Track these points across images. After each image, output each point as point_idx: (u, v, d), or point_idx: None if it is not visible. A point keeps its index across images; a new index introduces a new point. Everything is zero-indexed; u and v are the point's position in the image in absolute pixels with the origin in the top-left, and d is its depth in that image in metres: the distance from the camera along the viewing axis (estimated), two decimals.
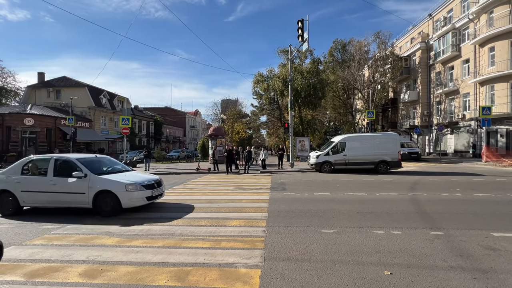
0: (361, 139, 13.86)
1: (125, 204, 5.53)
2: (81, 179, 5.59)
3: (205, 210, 5.89)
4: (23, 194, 5.77)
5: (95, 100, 35.59)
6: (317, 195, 7.51)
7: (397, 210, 5.74)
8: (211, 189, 8.74)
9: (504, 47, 21.59)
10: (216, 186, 9.41)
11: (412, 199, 6.85)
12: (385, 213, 5.47)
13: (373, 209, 5.83)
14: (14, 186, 5.80)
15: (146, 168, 16.15)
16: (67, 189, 5.68)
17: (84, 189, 5.58)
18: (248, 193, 7.82)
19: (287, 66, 25.78)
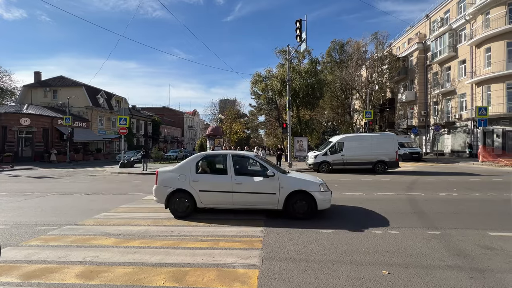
0: (359, 139, 13.91)
1: (320, 206, 5.04)
2: (269, 178, 5.12)
3: (202, 210, 5.86)
4: (201, 194, 5.28)
5: (92, 100, 35.38)
6: None
7: (395, 209, 5.77)
8: None
9: (500, 48, 21.79)
10: None
11: (409, 198, 6.89)
12: (383, 212, 5.49)
13: (371, 209, 5.85)
14: (191, 185, 5.29)
15: (144, 169, 16.08)
16: (255, 189, 5.20)
17: (275, 189, 5.11)
18: None
19: (285, 66, 25.82)
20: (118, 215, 5.62)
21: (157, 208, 6.10)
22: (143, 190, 8.84)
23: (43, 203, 6.92)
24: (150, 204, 6.63)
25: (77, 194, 8.31)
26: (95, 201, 7.12)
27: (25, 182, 11.85)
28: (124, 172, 15.87)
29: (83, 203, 6.95)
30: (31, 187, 10.06)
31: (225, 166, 5.42)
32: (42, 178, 13.17)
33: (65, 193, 8.43)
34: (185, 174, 5.35)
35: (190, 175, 5.32)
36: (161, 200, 5.40)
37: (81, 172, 16.55)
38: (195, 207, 5.31)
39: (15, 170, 18.39)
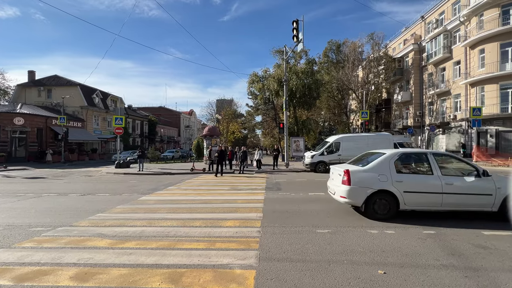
0: (355, 139, 14.00)
1: None
2: (483, 179, 4.90)
3: (199, 210, 5.84)
4: (406, 196, 4.96)
5: (88, 99, 35.03)
6: (311, 195, 7.55)
7: None
8: (206, 190, 8.69)
9: (494, 50, 22.08)
10: (211, 187, 9.36)
11: None
12: None
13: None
14: (395, 186, 4.98)
15: (140, 169, 15.96)
16: (467, 189, 4.92)
17: (491, 190, 4.84)
18: (243, 194, 7.81)
19: (282, 67, 25.86)
20: (113, 216, 5.57)
21: (153, 209, 6.06)
22: (139, 190, 8.78)
23: (37, 204, 6.83)
24: (146, 204, 6.59)
25: (72, 194, 8.21)
26: (90, 202, 7.04)
27: (19, 182, 11.68)
28: (120, 173, 15.73)
29: (78, 204, 6.87)
30: (24, 187, 9.91)
31: (429, 165, 5.22)
32: (36, 179, 12.99)
33: (59, 194, 8.33)
34: (385, 174, 5.06)
35: (391, 175, 5.04)
36: (357, 202, 5.15)
37: (76, 173, 16.36)
38: (397, 209, 5.03)
39: (8, 170, 18.11)
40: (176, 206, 6.35)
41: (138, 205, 6.55)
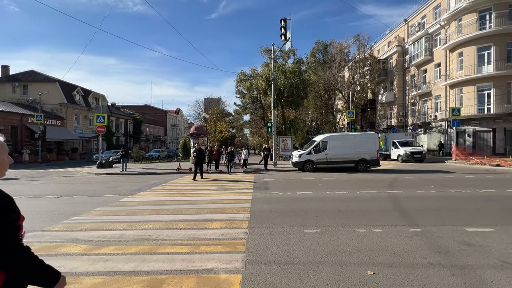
0: (342, 139, 14.15)
1: None
2: None
3: (184, 212, 5.60)
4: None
5: (68, 96, 33.42)
6: (299, 194, 7.49)
7: (377, 207, 5.84)
8: (191, 190, 8.42)
9: (471, 53, 23.12)
10: (197, 187, 9.10)
11: (390, 196, 7.03)
12: (365, 211, 5.54)
13: (355, 207, 5.89)
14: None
15: (123, 169, 15.36)
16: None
17: None
18: (230, 194, 7.62)
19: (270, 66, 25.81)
20: (91, 219, 5.22)
21: (135, 211, 5.76)
22: (121, 191, 8.37)
23: None
24: (128, 206, 6.26)
25: (47, 196, 7.70)
26: (67, 204, 6.61)
27: None
28: (102, 173, 15.07)
29: (53, 206, 6.43)
30: None
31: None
32: (9, 180, 12.15)
33: (33, 196, 7.78)
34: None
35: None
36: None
37: (54, 173, 15.51)
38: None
39: None
40: (160, 207, 6.07)
41: (119, 207, 6.21)
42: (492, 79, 22.17)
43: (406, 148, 19.95)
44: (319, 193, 7.55)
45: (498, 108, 21.96)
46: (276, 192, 7.71)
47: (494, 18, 21.91)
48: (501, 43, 21.84)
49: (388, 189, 8.04)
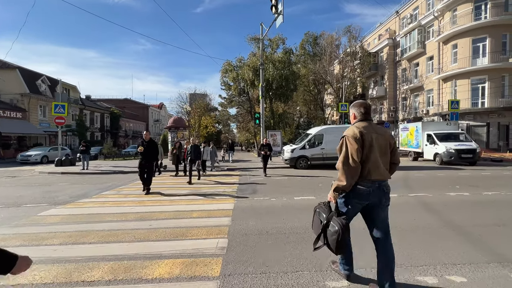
0: (339, 131, 12.44)
1: None
2: None
3: (123, 236, 3.50)
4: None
5: (31, 85, 29.70)
6: (298, 200, 5.65)
7: (418, 223, 4.01)
8: (155, 195, 6.35)
9: (466, 45, 22.30)
10: (165, 191, 7.03)
11: (420, 202, 5.34)
12: (405, 230, 3.73)
13: None
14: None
15: (83, 167, 12.91)
16: None
17: None
18: (204, 201, 5.63)
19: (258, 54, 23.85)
20: None
21: (44, 235, 3.59)
22: (56, 198, 6.16)
23: None
24: (41, 225, 4.11)
25: None
26: None
27: None
28: (57, 172, 12.58)
29: None
30: None
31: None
32: None
33: None
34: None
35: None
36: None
37: (1, 172, 12.82)
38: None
39: None
40: (90, 227, 3.89)
41: (22, 228, 3.97)
42: (486, 72, 21.45)
43: (449, 144, 13.23)
44: (323, 198, 5.75)
45: (493, 102, 21.31)
46: (267, 198, 5.81)
47: (490, 8, 21.10)
48: (496, 35, 21.10)
49: (408, 191, 6.36)
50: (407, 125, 18.63)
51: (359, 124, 2.18)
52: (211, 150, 12.07)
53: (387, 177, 2.19)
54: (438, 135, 14.17)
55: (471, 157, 12.74)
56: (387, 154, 2.20)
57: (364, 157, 2.07)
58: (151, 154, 6.69)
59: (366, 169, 2.07)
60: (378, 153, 2.11)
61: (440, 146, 13.48)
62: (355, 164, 2.02)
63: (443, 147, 13.28)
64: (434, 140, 14.07)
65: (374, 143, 2.09)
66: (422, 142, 15.32)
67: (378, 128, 2.23)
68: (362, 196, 2.12)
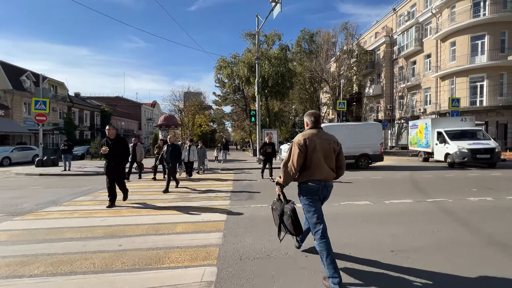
0: (340, 129, 11.78)
1: None
2: None
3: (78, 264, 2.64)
4: None
5: (14, 82, 28.23)
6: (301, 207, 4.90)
7: (450, 237, 3.34)
8: (135, 202, 5.50)
9: (465, 42, 21.95)
10: (147, 196, 6.17)
11: (442, 209, 4.63)
12: (441, 249, 2.98)
13: (414, 241, 3.21)
14: None
15: (65, 167, 11.91)
16: None
17: None
18: (191, 211, 4.75)
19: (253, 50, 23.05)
20: None
21: None
22: (17, 206, 5.26)
23: None
24: None
25: None
26: None
27: None
28: (35, 173, 11.57)
29: None
30: None
31: None
32: None
33: None
34: None
35: None
36: None
37: None
38: None
39: None
40: (40, 249, 3.03)
41: None
42: (485, 70, 21.15)
43: (462, 143, 11.54)
44: (328, 205, 5.02)
45: (491, 101, 21.02)
46: (266, 205, 5.00)
47: (489, 5, 20.77)
48: (495, 32, 20.78)
49: (424, 196, 5.68)
50: (416, 122, 16.72)
51: (307, 132, 2.46)
52: (199, 150, 10.71)
53: (331, 177, 2.44)
54: (450, 132, 12.48)
55: (488, 158, 11.05)
56: (332, 157, 2.45)
57: (308, 160, 2.35)
58: (119, 155, 5.20)
59: (311, 170, 2.35)
60: (322, 157, 2.37)
61: (451, 145, 11.82)
62: (293, 167, 2.34)
63: (454, 147, 11.63)
64: (444, 139, 12.44)
65: (318, 148, 2.35)
66: (432, 141, 13.76)
67: (324, 134, 2.48)
68: (314, 192, 2.41)
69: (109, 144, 5.15)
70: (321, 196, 2.43)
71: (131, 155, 8.82)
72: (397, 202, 5.11)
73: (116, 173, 5.18)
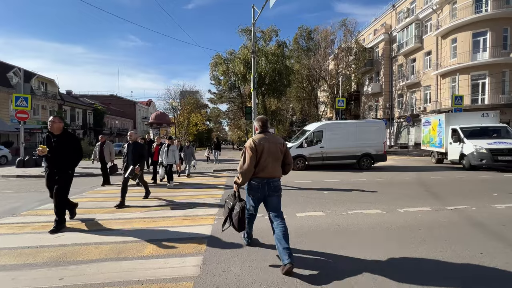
0: (341, 128, 11.07)
1: None
2: None
3: None
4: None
5: (0, 78, 27.08)
6: (302, 218, 4.12)
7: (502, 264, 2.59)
8: (108, 213, 4.68)
9: (466, 39, 21.40)
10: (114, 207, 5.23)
11: (469, 220, 3.89)
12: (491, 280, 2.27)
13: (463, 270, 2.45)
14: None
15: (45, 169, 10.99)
16: None
17: None
18: (167, 222, 3.90)
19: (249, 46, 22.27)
20: None
21: None
22: None
23: None
24: None
25: None
26: None
27: None
28: (12, 175, 10.72)
29: None
30: None
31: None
32: None
33: None
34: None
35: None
36: None
37: None
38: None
39: None
40: None
41: None
42: (487, 67, 20.61)
43: (479, 142, 9.98)
44: (334, 214, 4.27)
45: (493, 99, 20.51)
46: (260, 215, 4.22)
47: (491, 1, 20.21)
48: (497, 28, 20.25)
49: (442, 202, 4.95)
50: (429, 118, 14.83)
51: (256, 136, 2.82)
52: (186, 150, 9.23)
53: (276, 175, 2.79)
54: (466, 130, 10.77)
55: None
56: (279, 157, 2.81)
57: (256, 161, 2.70)
58: (65, 158, 3.74)
59: (257, 170, 2.72)
60: (269, 158, 2.73)
61: (467, 145, 10.20)
62: (248, 168, 2.67)
63: (470, 146, 10.01)
64: (460, 137, 10.81)
65: (265, 150, 2.71)
66: (445, 140, 12.02)
67: (272, 137, 2.83)
68: (254, 189, 2.77)
69: (50, 142, 3.71)
70: (262, 192, 2.73)
71: (98, 155, 7.87)
72: (413, 211, 4.37)
73: (58, 182, 3.69)
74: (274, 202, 2.75)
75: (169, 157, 7.55)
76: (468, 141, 10.33)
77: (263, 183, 2.69)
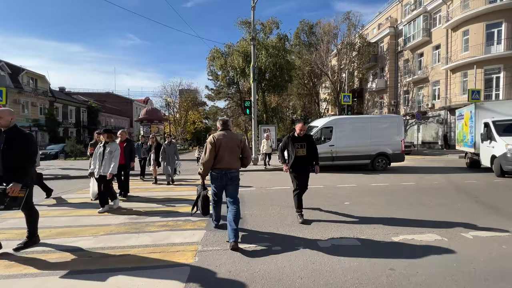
0: (353, 124, 9.77)
1: None
2: None
3: None
4: None
5: None
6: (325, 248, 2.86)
7: None
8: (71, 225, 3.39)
9: (479, 31, 20.15)
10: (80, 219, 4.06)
11: None
12: None
13: None
14: None
15: None
16: None
17: None
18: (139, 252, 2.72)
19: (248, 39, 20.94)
20: None
21: None
22: None
23: None
24: None
25: None
26: None
27: None
28: None
29: None
30: None
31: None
32: None
33: None
34: None
35: None
36: None
37: None
38: None
39: None
40: None
41: None
42: (502, 60, 19.39)
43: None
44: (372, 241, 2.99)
45: (508, 94, 19.30)
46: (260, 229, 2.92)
47: None
48: None
49: None
50: (461, 111, 11.60)
51: (217, 133, 3.30)
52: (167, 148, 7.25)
53: (234, 167, 3.25)
54: (501, 124, 7.97)
55: None
56: (236, 151, 3.27)
57: (215, 154, 3.15)
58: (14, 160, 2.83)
59: (215, 161, 3.18)
60: (225, 151, 3.18)
61: (498, 144, 7.67)
62: (207, 159, 3.14)
63: (502, 146, 7.51)
64: (491, 134, 8.13)
65: (223, 144, 3.17)
66: (477, 137, 9.26)
67: (231, 134, 3.33)
68: (215, 179, 3.26)
69: None
70: (221, 182, 3.22)
71: None
72: (485, 237, 3.06)
73: None
74: (231, 190, 3.23)
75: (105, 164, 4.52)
76: (500, 138, 7.70)
77: (222, 174, 3.17)
